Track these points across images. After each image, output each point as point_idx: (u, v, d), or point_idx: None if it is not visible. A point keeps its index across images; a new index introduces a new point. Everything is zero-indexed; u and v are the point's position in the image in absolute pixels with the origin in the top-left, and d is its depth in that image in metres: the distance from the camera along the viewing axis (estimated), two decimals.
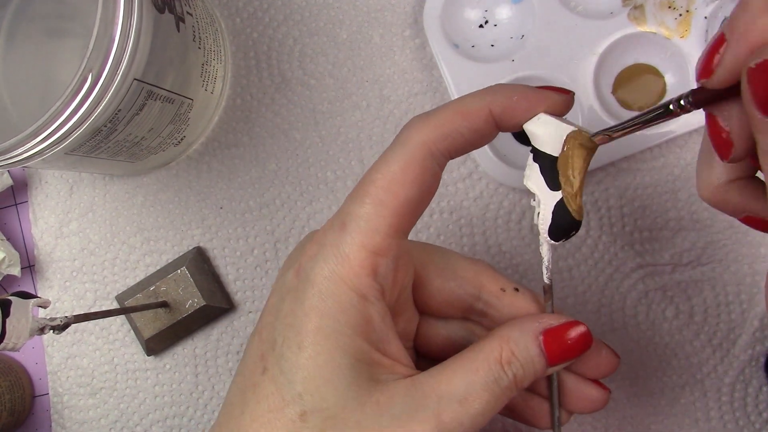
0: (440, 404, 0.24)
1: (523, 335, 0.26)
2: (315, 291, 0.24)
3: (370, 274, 0.24)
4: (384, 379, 0.24)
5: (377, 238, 0.24)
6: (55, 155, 0.30)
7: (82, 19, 0.37)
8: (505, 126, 0.26)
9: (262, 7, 0.42)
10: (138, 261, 0.42)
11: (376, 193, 0.24)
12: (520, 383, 0.25)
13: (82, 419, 0.42)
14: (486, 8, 0.41)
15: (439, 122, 0.25)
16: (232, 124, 0.42)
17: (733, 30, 0.19)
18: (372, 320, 0.24)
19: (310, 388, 0.23)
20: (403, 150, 0.25)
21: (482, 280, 0.29)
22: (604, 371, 0.29)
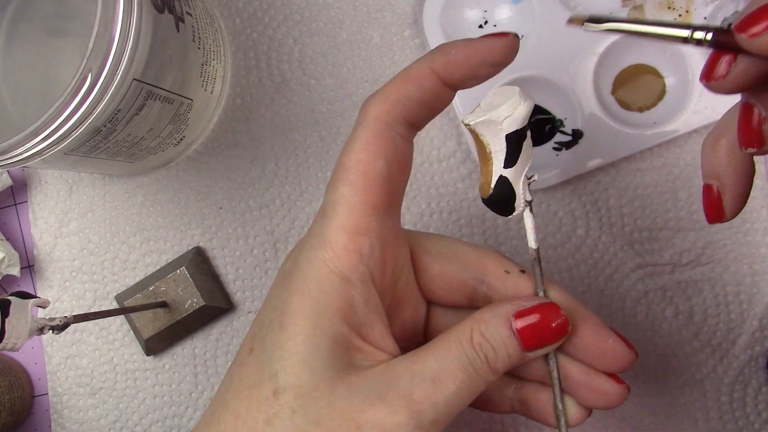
0: (412, 384, 0.23)
1: (494, 317, 0.25)
2: (300, 274, 0.25)
3: (353, 255, 0.24)
4: (362, 364, 0.24)
5: (355, 218, 0.24)
6: (55, 155, 0.30)
7: (82, 19, 0.37)
8: (451, 82, 0.25)
9: (262, 7, 0.42)
10: (137, 261, 0.42)
11: (346, 176, 0.25)
12: (494, 366, 0.24)
13: (81, 419, 0.42)
14: (486, 8, 0.41)
15: (387, 92, 0.25)
16: (231, 124, 0.42)
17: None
18: (354, 304, 0.24)
19: (285, 367, 0.24)
20: (361, 128, 0.25)
21: (486, 264, 0.28)
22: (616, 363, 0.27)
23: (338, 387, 0.23)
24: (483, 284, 0.28)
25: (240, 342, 0.42)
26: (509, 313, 0.25)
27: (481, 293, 0.28)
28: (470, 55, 0.25)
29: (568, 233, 0.41)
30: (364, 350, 0.25)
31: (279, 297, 0.25)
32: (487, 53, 0.25)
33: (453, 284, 0.28)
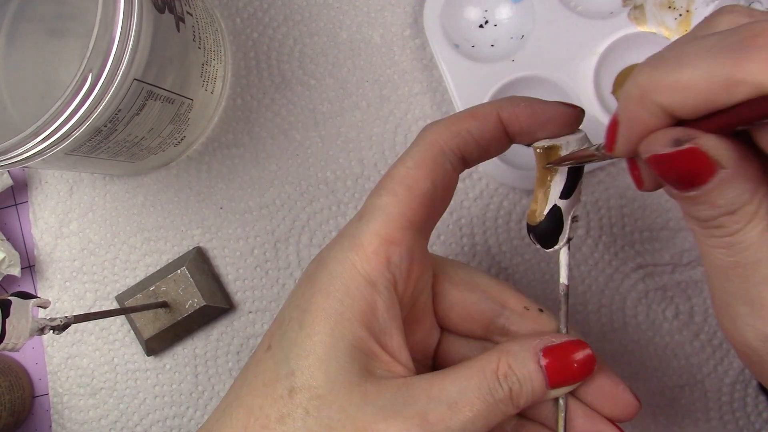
0: (428, 405, 0.23)
1: (522, 350, 0.25)
2: (326, 273, 0.25)
3: (382, 261, 0.25)
4: (378, 373, 0.24)
5: (391, 227, 0.25)
6: (55, 155, 0.30)
7: (82, 19, 0.37)
8: (511, 130, 0.26)
9: (262, 7, 0.42)
10: (138, 261, 0.42)
11: (392, 187, 0.25)
12: (517, 400, 0.25)
13: (82, 419, 0.42)
14: (486, 8, 0.41)
15: (449, 122, 0.26)
16: (232, 124, 0.42)
17: (622, 115, 0.21)
18: (376, 309, 0.24)
19: (302, 366, 0.24)
20: (417, 148, 0.26)
21: (506, 298, 0.29)
22: (621, 411, 0.27)
23: (353, 394, 0.23)
24: (501, 317, 0.29)
25: (240, 342, 0.42)
26: (537, 348, 0.25)
27: (498, 326, 0.29)
28: (538, 113, 0.26)
29: None
30: (382, 359, 0.25)
31: (302, 296, 0.25)
32: (553, 117, 0.26)
33: (471, 313, 0.29)
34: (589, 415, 0.27)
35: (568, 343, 0.26)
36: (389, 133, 0.41)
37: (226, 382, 0.42)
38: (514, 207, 0.41)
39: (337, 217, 0.41)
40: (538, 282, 0.41)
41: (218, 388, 0.42)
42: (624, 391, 0.27)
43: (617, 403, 0.27)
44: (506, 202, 0.41)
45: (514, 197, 0.41)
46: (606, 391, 0.27)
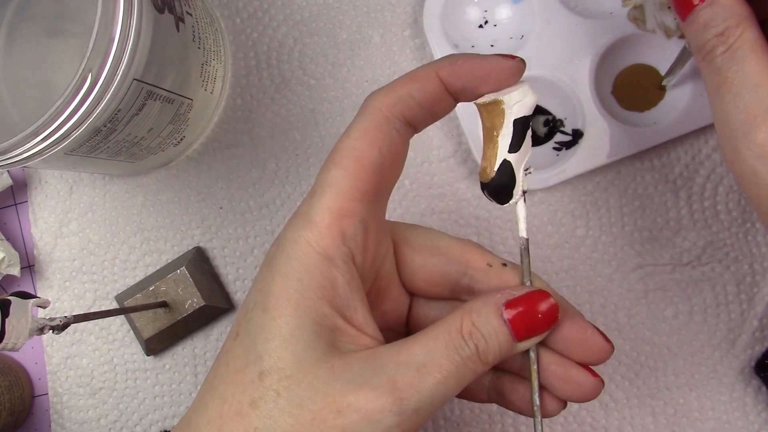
0: (396, 371, 0.23)
1: (485, 306, 0.25)
2: (283, 255, 0.25)
3: (336, 236, 0.24)
4: (345, 347, 0.24)
5: (342, 200, 0.25)
6: (55, 155, 0.30)
7: (82, 19, 0.37)
8: (452, 89, 0.26)
9: (262, 7, 0.42)
10: (138, 261, 0.42)
11: (339, 160, 0.25)
12: (485, 356, 0.24)
13: (81, 419, 0.42)
14: (486, 8, 0.41)
15: (390, 88, 0.26)
16: (232, 124, 0.42)
17: None
18: (337, 283, 0.24)
19: (268, 349, 0.24)
20: (360, 118, 0.26)
21: (468, 257, 0.28)
22: (593, 354, 0.27)
23: (321, 370, 0.23)
24: (465, 276, 0.28)
25: None
26: (499, 303, 0.25)
27: (464, 285, 0.28)
28: (476, 67, 0.26)
29: (568, 233, 0.41)
30: (348, 333, 0.25)
31: (263, 279, 0.25)
32: (491, 70, 0.26)
33: (435, 276, 0.29)
34: (560, 362, 0.27)
35: (530, 294, 0.25)
36: None
37: None
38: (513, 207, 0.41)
39: None
40: None
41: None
42: (593, 335, 0.27)
43: (588, 348, 0.27)
44: None
45: None
46: (575, 337, 0.27)
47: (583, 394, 0.27)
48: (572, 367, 0.27)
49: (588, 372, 0.27)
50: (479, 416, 0.41)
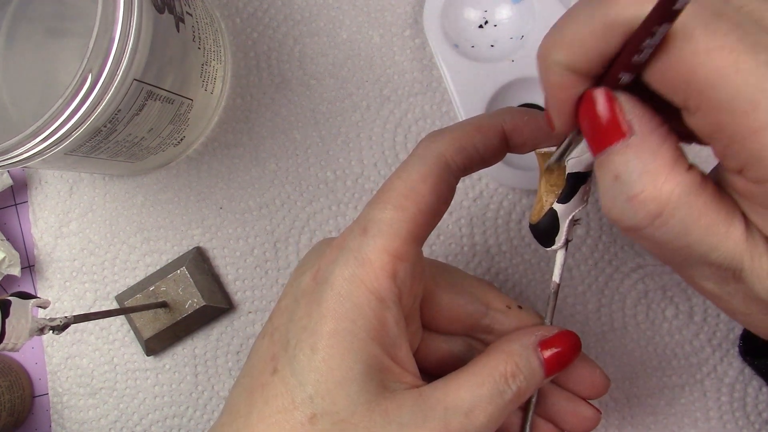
0: (447, 415, 0.24)
1: (524, 349, 0.27)
2: (333, 293, 0.24)
3: (390, 277, 0.24)
4: (392, 387, 0.25)
5: (398, 243, 0.25)
6: (55, 155, 0.30)
7: (82, 19, 0.37)
8: (513, 143, 0.27)
9: (262, 7, 0.42)
10: (138, 261, 0.42)
11: (397, 200, 0.25)
12: (524, 395, 0.26)
13: (81, 419, 0.42)
14: (486, 8, 0.41)
15: (455, 136, 0.26)
16: (232, 124, 0.42)
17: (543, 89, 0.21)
18: (387, 324, 0.25)
19: (321, 391, 0.24)
20: (422, 161, 0.26)
21: (489, 298, 0.30)
22: (597, 391, 0.30)
23: (375, 414, 0.24)
24: (486, 317, 0.30)
25: (240, 342, 0.42)
26: (535, 344, 0.27)
27: (483, 324, 0.30)
28: (540, 126, 0.26)
29: None
30: (394, 371, 0.25)
31: (307, 316, 0.25)
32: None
33: (459, 315, 0.30)
34: (570, 399, 0.30)
35: (560, 333, 0.28)
36: (389, 133, 0.41)
37: (225, 382, 0.42)
38: (514, 207, 0.41)
39: (337, 217, 0.41)
40: (537, 282, 0.41)
41: (218, 388, 0.42)
42: (600, 375, 0.30)
43: (595, 385, 0.30)
44: (506, 202, 0.41)
45: (514, 197, 0.41)
46: (585, 377, 0.30)
47: (588, 426, 0.30)
48: (580, 403, 0.30)
49: (592, 407, 0.31)
50: None
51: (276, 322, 0.26)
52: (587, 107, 0.20)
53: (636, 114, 0.19)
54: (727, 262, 0.19)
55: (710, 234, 0.19)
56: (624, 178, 0.19)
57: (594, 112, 0.20)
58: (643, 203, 0.19)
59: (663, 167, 0.19)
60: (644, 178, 0.19)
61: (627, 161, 0.19)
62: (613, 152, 0.19)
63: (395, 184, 0.25)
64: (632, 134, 0.19)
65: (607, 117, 0.19)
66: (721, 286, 0.21)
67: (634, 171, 0.19)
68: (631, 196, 0.19)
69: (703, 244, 0.19)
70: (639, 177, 0.19)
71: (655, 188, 0.19)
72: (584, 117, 0.20)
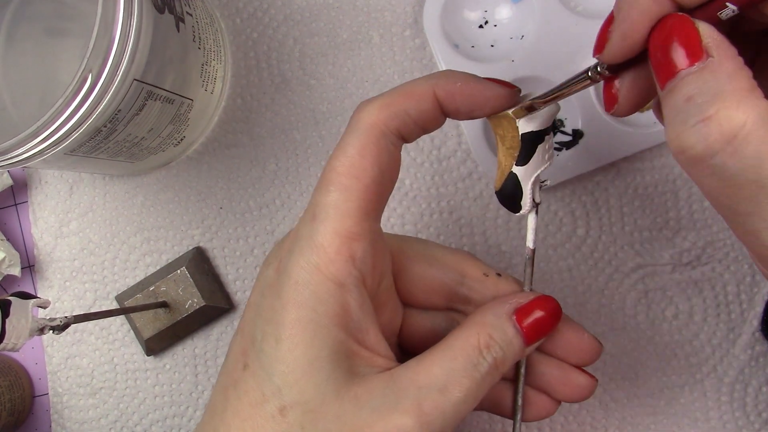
0: (420, 394, 0.23)
1: (497, 318, 0.26)
2: (292, 283, 0.24)
3: (347, 260, 0.24)
4: (362, 371, 0.24)
5: (348, 223, 0.24)
6: (55, 155, 0.30)
7: (82, 19, 0.37)
8: (447, 109, 0.26)
9: (262, 7, 0.42)
10: (138, 261, 0.42)
11: (339, 180, 0.24)
12: (501, 366, 0.25)
13: (81, 419, 0.42)
14: (486, 8, 0.41)
15: (385, 102, 0.25)
16: (232, 124, 0.42)
17: (619, 9, 0.20)
18: (349, 309, 0.24)
19: (288, 382, 0.23)
20: (356, 134, 0.25)
21: (464, 267, 0.29)
22: (588, 357, 0.29)
23: (344, 399, 0.23)
24: (463, 286, 0.29)
25: None
26: (510, 312, 0.26)
27: (461, 295, 0.29)
28: (474, 92, 0.25)
29: (568, 233, 0.41)
30: (363, 356, 0.25)
31: (271, 308, 0.24)
32: (487, 97, 0.26)
33: (433, 286, 0.29)
34: (560, 367, 0.29)
35: (536, 299, 0.27)
36: None
37: None
38: None
39: None
40: (537, 282, 0.41)
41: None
42: (589, 339, 0.29)
43: (584, 350, 0.29)
44: None
45: None
46: (572, 342, 0.28)
47: (582, 394, 0.29)
48: (571, 370, 0.29)
49: (585, 374, 0.29)
50: (479, 415, 0.41)
51: (245, 318, 0.26)
52: (666, 31, 0.19)
53: (714, 38, 0.19)
54: None
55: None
56: (698, 99, 0.18)
57: (670, 33, 0.19)
58: (719, 123, 0.18)
59: (739, 90, 0.18)
60: (720, 98, 0.18)
61: (703, 82, 0.18)
62: (687, 74, 0.19)
63: (334, 163, 0.25)
64: (709, 56, 0.18)
65: (684, 38, 0.19)
66: None
67: (710, 91, 0.18)
68: (706, 116, 0.18)
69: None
70: (714, 97, 0.18)
71: (731, 109, 0.18)
72: (659, 42, 0.19)
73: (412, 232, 0.41)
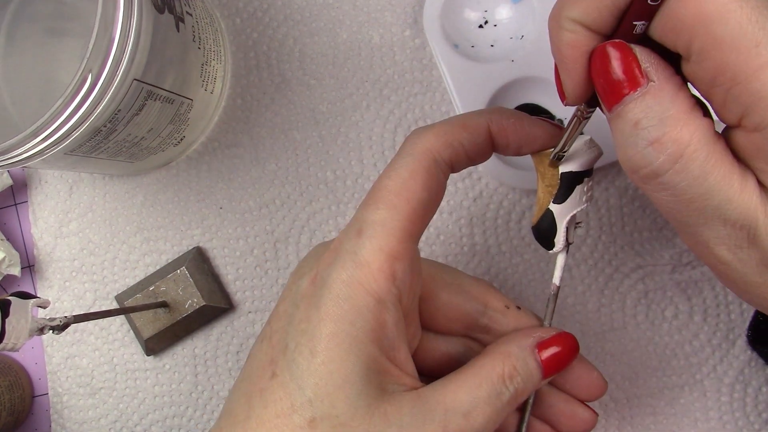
0: (446, 417, 0.24)
1: (521, 350, 0.27)
2: (332, 296, 0.24)
3: (388, 278, 0.24)
4: (391, 389, 0.25)
5: (394, 242, 0.24)
6: (55, 155, 0.30)
7: (82, 19, 0.37)
8: (498, 144, 0.27)
9: (262, 7, 0.42)
10: (138, 261, 0.42)
11: (389, 199, 0.25)
12: (521, 396, 0.26)
13: (81, 419, 0.42)
14: (486, 8, 0.41)
15: (442, 132, 0.26)
16: (232, 124, 0.42)
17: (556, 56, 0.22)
18: (386, 326, 0.24)
19: (320, 395, 0.23)
20: (411, 158, 0.25)
21: (487, 298, 0.30)
22: (595, 394, 0.30)
23: (375, 417, 0.24)
24: (484, 317, 0.30)
25: (240, 342, 0.42)
26: (532, 346, 0.27)
27: (481, 324, 0.30)
28: (525, 130, 0.26)
29: None
30: (393, 373, 0.25)
31: (306, 319, 0.25)
32: (538, 136, 0.27)
33: (457, 314, 0.30)
34: (567, 401, 0.30)
35: (557, 336, 0.28)
36: (389, 133, 0.41)
37: (225, 382, 0.42)
38: (514, 207, 0.41)
39: (337, 217, 0.41)
40: (537, 282, 0.41)
41: (218, 388, 0.42)
42: (597, 377, 0.30)
43: (592, 387, 0.30)
44: (506, 202, 0.41)
45: (514, 197, 0.41)
46: (583, 379, 0.30)
47: (584, 428, 0.30)
48: (578, 405, 0.30)
49: (589, 409, 0.31)
50: None
51: (275, 326, 0.26)
52: (602, 60, 0.20)
53: (652, 62, 0.20)
54: (741, 219, 0.20)
55: (727, 184, 0.20)
56: (644, 124, 0.20)
57: (609, 63, 0.20)
58: (665, 146, 0.19)
59: (682, 112, 0.19)
60: (665, 122, 0.19)
61: (647, 107, 0.20)
62: (631, 100, 0.20)
63: (385, 182, 0.25)
64: (650, 81, 0.20)
65: (624, 66, 0.20)
66: (734, 251, 0.21)
67: (655, 116, 0.20)
68: (653, 139, 0.20)
69: (720, 193, 0.20)
70: (660, 122, 0.19)
71: (676, 131, 0.19)
72: (599, 71, 0.20)
73: None
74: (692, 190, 0.20)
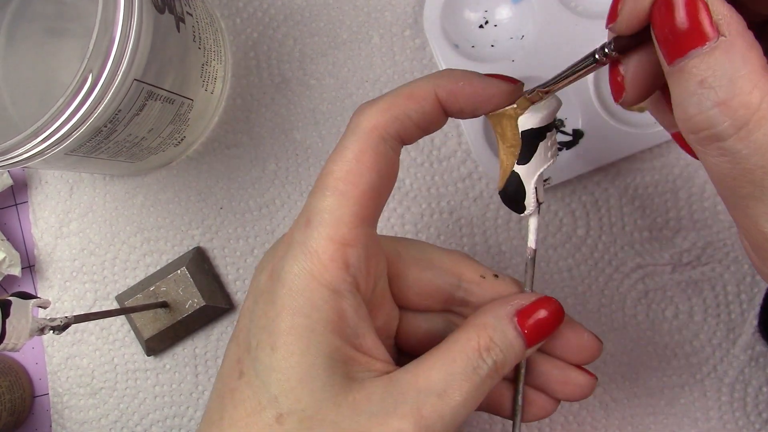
0: (419, 398, 0.23)
1: (498, 320, 0.25)
2: (286, 290, 0.24)
3: (341, 266, 0.24)
4: (360, 376, 0.24)
5: (343, 229, 0.24)
6: (56, 155, 0.30)
7: (82, 19, 0.37)
8: (450, 110, 0.25)
9: (262, 7, 0.42)
10: (138, 261, 0.42)
11: (335, 185, 0.24)
12: (501, 369, 0.25)
13: (82, 419, 0.42)
14: (486, 9, 0.41)
15: (386, 106, 0.24)
16: (232, 124, 0.42)
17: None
18: (345, 315, 0.24)
19: (284, 390, 0.23)
20: (355, 137, 0.24)
21: (461, 269, 0.29)
22: (588, 356, 0.28)
23: (342, 406, 0.23)
24: (459, 289, 0.29)
25: None
26: (510, 314, 0.26)
27: (458, 297, 0.29)
28: (477, 91, 0.25)
29: (568, 233, 0.41)
30: (360, 361, 0.24)
31: (265, 315, 0.24)
32: (491, 94, 0.25)
33: (429, 290, 0.29)
34: (559, 366, 0.28)
35: (538, 301, 0.26)
36: None
37: None
38: None
39: None
40: (537, 282, 0.41)
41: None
42: (588, 337, 0.28)
43: (584, 349, 0.28)
44: None
45: None
46: (573, 341, 0.28)
47: (582, 393, 0.28)
48: (571, 370, 0.28)
49: (585, 372, 0.28)
50: (480, 415, 0.41)
51: (240, 325, 0.26)
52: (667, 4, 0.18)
53: (725, 15, 0.18)
54: None
55: None
56: (711, 83, 0.18)
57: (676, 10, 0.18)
58: (734, 110, 0.18)
59: (754, 73, 0.18)
60: (735, 83, 0.18)
61: (716, 65, 0.18)
62: (698, 55, 0.18)
63: (331, 167, 0.24)
64: (720, 36, 0.18)
65: (693, 15, 0.18)
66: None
67: (724, 75, 0.18)
68: (720, 101, 0.18)
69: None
70: (730, 82, 0.18)
71: (745, 94, 0.17)
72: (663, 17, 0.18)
73: (412, 232, 0.41)
74: (753, 159, 0.18)
